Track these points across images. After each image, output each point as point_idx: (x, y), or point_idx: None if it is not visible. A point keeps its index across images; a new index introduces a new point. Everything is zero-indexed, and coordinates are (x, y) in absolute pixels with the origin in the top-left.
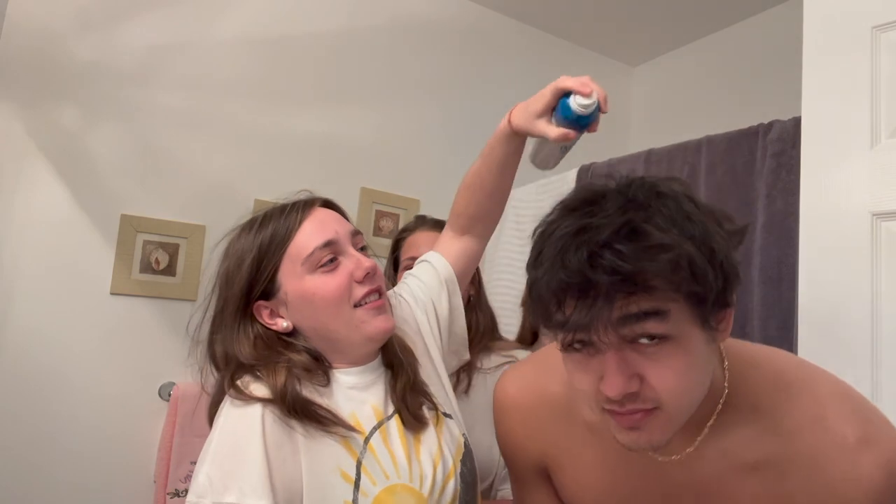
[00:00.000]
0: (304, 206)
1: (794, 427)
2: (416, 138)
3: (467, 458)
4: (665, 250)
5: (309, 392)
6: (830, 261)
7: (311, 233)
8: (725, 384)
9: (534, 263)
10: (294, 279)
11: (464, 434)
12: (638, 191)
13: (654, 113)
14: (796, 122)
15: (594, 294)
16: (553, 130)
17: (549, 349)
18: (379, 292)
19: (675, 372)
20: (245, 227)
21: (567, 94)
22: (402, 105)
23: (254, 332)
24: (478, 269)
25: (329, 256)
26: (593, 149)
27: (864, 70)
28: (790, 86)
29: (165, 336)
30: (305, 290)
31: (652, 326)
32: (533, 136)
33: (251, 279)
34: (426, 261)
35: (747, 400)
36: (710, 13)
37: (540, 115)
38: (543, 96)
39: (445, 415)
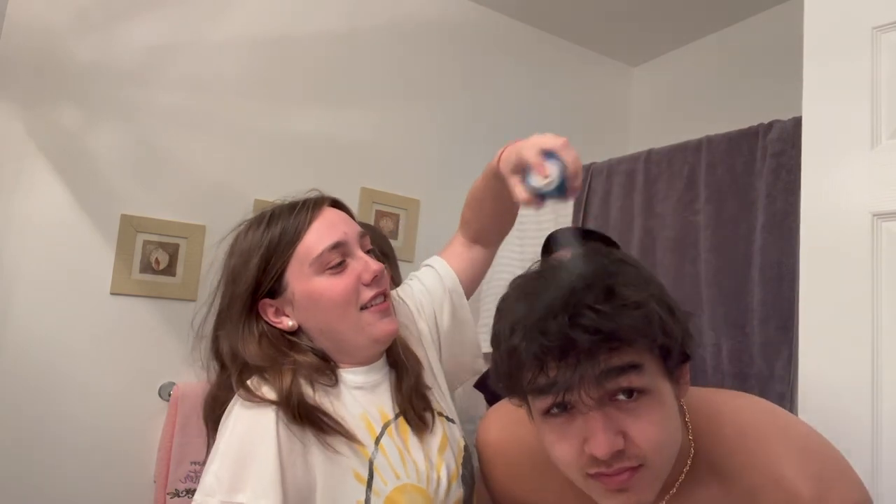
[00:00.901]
0: (313, 206)
1: (754, 488)
2: (416, 138)
3: (468, 461)
4: (638, 307)
5: (319, 395)
6: (831, 261)
7: (321, 234)
8: (690, 437)
9: (509, 334)
10: (301, 279)
11: (464, 437)
12: (602, 259)
13: (654, 113)
14: (796, 122)
15: (576, 354)
16: (520, 193)
17: None
18: (384, 295)
19: (655, 425)
20: (253, 224)
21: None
22: (402, 105)
23: (259, 329)
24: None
25: (338, 259)
26: (593, 149)
27: (864, 71)
28: (790, 86)
29: (165, 336)
30: (312, 290)
31: (632, 380)
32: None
33: (258, 277)
34: (431, 266)
35: (709, 459)
36: (710, 13)
37: (515, 172)
38: (516, 154)
39: (448, 419)
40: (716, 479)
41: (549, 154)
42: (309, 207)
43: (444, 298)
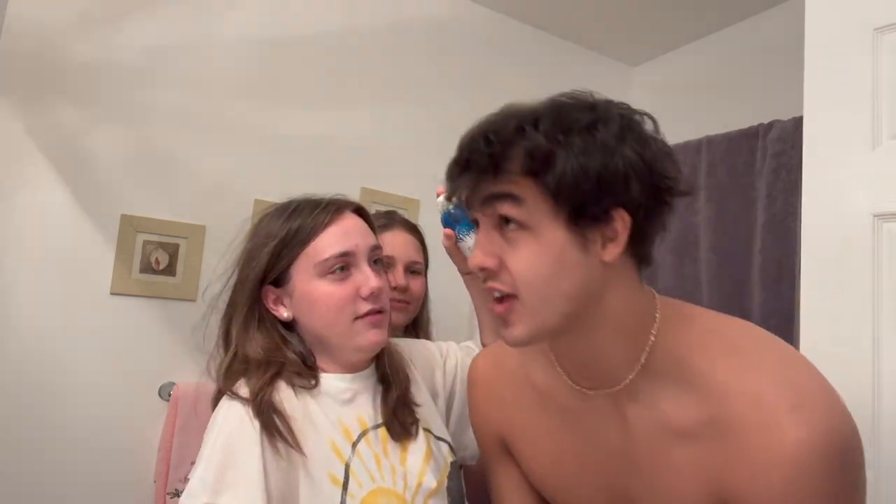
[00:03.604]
0: (335, 209)
1: (723, 392)
2: (417, 138)
3: (455, 475)
4: (528, 140)
5: (300, 397)
6: (832, 262)
7: (333, 239)
8: (653, 332)
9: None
10: (305, 277)
11: (455, 458)
12: (558, 101)
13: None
14: (796, 122)
15: (468, 169)
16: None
17: None
18: (380, 311)
19: (526, 259)
20: (276, 212)
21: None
22: (402, 105)
23: (260, 313)
24: (426, 301)
25: (340, 265)
26: None
27: (865, 72)
28: (790, 86)
29: (165, 336)
30: (311, 291)
31: (507, 209)
32: None
33: (269, 263)
34: (471, 347)
35: (675, 354)
36: (710, 13)
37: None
38: None
39: (437, 437)
40: (681, 377)
41: None
42: (331, 210)
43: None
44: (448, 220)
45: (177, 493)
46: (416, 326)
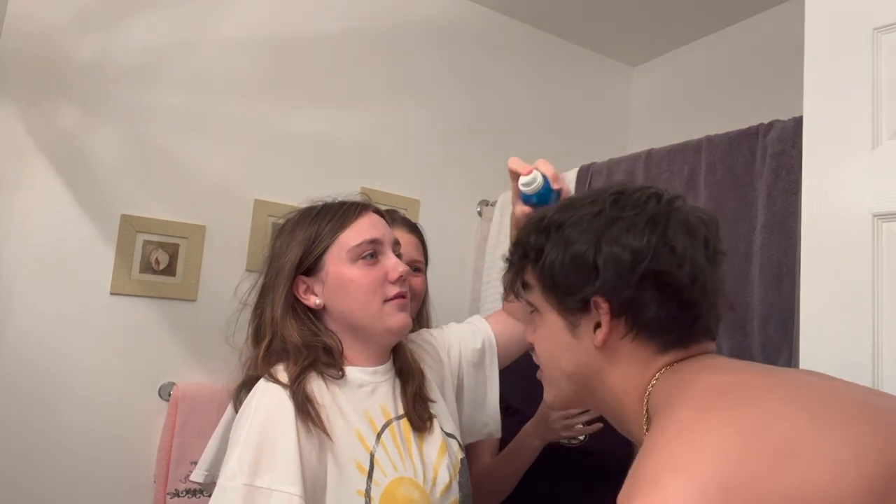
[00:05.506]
0: (361, 207)
1: None
2: (416, 138)
3: (464, 472)
4: (532, 234)
5: (331, 387)
6: (831, 262)
7: (364, 228)
8: (645, 407)
9: None
10: (338, 263)
11: (464, 455)
12: (585, 200)
13: (654, 113)
14: (796, 122)
15: (510, 261)
16: (517, 209)
17: None
18: (405, 296)
19: (538, 338)
20: (303, 213)
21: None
22: (402, 105)
23: (293, 302)
24: (426, 299)
25: (371, 251)
26: (593, 149)
27: (865, 72)
28: (790, 86)
29: (165, 336)
30: (344, 275)
31: (525, 294)
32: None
33: (304, 252)
34: (471, 322)
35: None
36: (710, 13)
37: (517, 197)
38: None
39: (448, 434)
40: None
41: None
42: (358, 206)
43: (474, 348)
44: (530, 200)
45: (177, 493)
46: (417, 324)
